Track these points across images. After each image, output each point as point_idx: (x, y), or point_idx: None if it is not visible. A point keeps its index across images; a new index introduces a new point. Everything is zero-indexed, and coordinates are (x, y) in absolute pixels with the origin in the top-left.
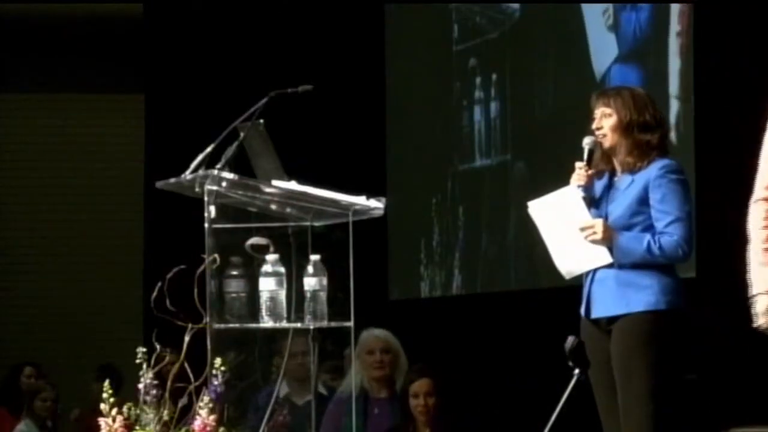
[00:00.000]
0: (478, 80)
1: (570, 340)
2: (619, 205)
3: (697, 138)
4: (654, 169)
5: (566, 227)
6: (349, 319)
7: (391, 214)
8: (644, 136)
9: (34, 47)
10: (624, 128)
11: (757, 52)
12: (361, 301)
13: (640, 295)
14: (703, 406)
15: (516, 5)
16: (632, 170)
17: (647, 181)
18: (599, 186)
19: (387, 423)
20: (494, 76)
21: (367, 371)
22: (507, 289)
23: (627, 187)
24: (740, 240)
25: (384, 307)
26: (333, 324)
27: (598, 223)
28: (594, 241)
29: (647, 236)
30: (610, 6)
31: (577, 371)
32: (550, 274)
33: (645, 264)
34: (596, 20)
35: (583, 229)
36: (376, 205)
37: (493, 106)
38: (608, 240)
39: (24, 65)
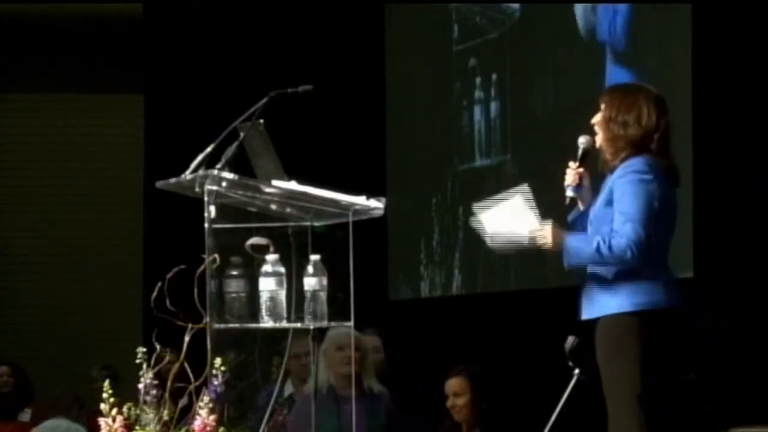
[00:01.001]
0: (478, 80)
1: (570, 340)
2: (595, 207)
3: (695, 138)
4: (620, 168)
5: (511, 227)
6: (349, 319)
7: (391, 214)
8: (621, 131)
9: (34, 47)
10: (605, 123)
11: (757, 52)
12: (361, 301)
13: (611, 298)
14: (703, 406)
15: (516, 5)
16: (610, 170)
17: (613, 181)
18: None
19: (359, 423)
20: (494, 76)
21: (336, 368)
22: (507, 289)
23: (603, 187)
24: (737, 240)
25: (384, 307)
26: (333, 324)
27: (547, 230)
28: (546, 247)
29: (597, 237)
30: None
31: (577, 371)
32: (551, 274)
33: (604, 265)
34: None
35: (532, 237)
36: (376, 205)
37: (493, 106)
38: (558, 246)
39: (24, 65)
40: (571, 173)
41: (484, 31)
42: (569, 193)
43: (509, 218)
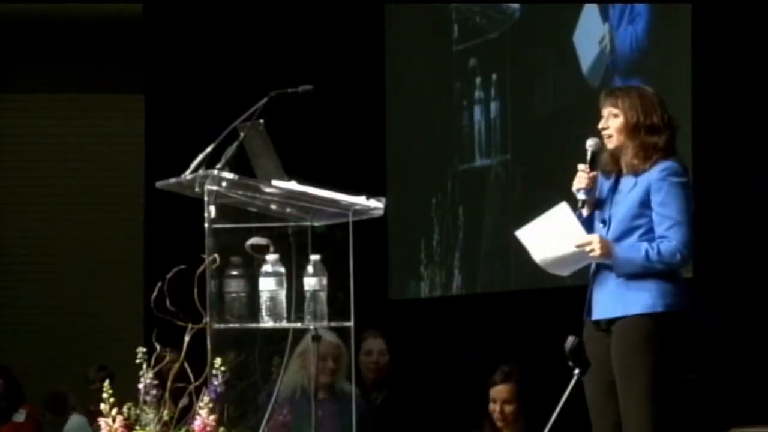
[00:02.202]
0: (478, 80)
1: (570, 340)
2: (621, 208)
3: (695, 138)
4: (656, 171)
5: (560, 244)
6: (349, 319)
7: (391, 214)
8: (651, 138)
9: (34, 47)
10: (630, 130)
11: (757, 52)
12: (361, 301)
13: (638, 298)
14: (703, 406)
15: (516, 5)
16: (636, 172)
17: (649, 183)
18: (606, 188)
19: (332, 424)
20: (494, 76)
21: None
22: (507, 289)
23: (630, 190)
24: (737, 240)
25: (384, 307)
26: (333, 324)
27: (595, 239)
28: (593, 258)
29: (645, 244)
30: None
31: (577, 371)
32: (550, 274)
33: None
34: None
35: (579, 247)
36: (376, 205)
37: (493, 106)
38: (607, 255)
39: (24, 65)
40: (584, 177)
41: (484, 31)
42: (581, 196)
43: (553, 237)
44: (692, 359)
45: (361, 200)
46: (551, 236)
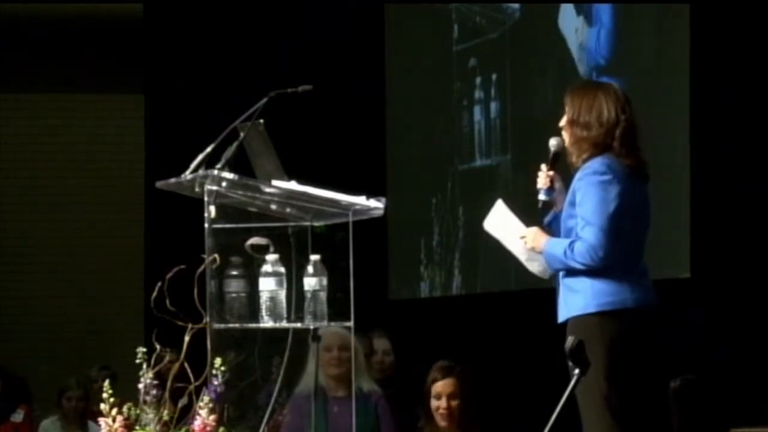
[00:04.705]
0: (478, 80)
1: (570, 340)
2: (564, 207)
3: (693, 139)
4: (580, 170)
5: (511, 239)
6: (349, 319)
7: (391, 214)
8: (581, 132)
9: (34, 47)
10: (569, 125)
11: (756, 52)
12: (361, 301)
13: (574, 300)
14: (702, 406)
15: (516, 5)
16: (576, 171)
17: (574, 182)
18: None
19: (347, 421)
20: (494, 76)
21: (324, 368)
22: (507, 289)
23: (569, 189)
24: (734, 241)
25: (384, 307)
26: (333, 324)
27: (529, 232)
28: (531, 249)
29: (565, 242)
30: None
31: (577, 371)
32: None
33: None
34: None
35: (522, 239)
36: (376, 205)
37: (493, 106)
38: (538, 248)
39: (24, 65)
40: (543, 176)
41: (484, 31)
42: (541, 196)
43: (506, 233)
44: (691, 359)
45: (361, 200)
46: (505, 233)
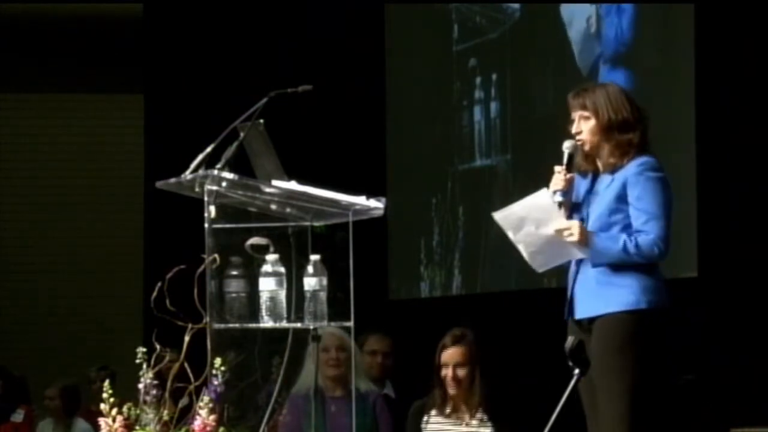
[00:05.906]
0: (478, 80)
1: (570, 340)
2: (599, 205)
3: (699, 138)
4: (632, 166)
5: (538, 229)
6: (349, 319)
7: (391, 214)
8: (625, 135)
9: (34, 47)
10: (604, 130)
11: (760, 52)
12: (361, 301)
13: (619, 295)
14: (703, 406)
15: (516, 5)
16: (614, 170)
17: (626, 178)
18: (582, 187)
19: (344, 421)
20: (494, 76)
21: (322, 369)
22: (507, 289)
23: (607, 187)
24: (741, 241)
25: (384, 307)
26: (333, 324)
27: (575, 225)
28: (571, 243)
29: (623, 236)
30: (593, 12)
31: (577, 371)
32: (550, 274)
33: (624, 264)
34: (580, 24)
35: (559, 231)
36: (376, 205)
37: (493, 106)
38: (585, 241)
39: (24, 65)
40: (560, 179)
41: (484, 31)
42: (558, 198)
43: (534, 220)
44: (691, 359)
45: (361, 200)
46: (532, 220)
